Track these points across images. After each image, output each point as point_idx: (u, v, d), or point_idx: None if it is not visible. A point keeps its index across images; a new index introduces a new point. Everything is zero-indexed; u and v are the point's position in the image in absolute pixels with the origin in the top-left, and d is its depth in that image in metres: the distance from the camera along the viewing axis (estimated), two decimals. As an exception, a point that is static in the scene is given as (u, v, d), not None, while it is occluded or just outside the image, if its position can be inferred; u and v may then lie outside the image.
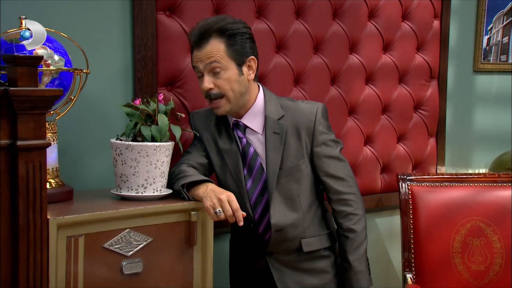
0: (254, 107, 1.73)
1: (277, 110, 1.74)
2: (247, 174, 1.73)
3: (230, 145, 1.73)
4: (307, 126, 1.73)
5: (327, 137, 1.76)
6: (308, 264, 1.78)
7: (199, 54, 1.66)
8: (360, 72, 2.33)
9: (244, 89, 1.69)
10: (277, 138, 1.71)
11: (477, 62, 2.67)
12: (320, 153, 1.74)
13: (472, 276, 2.20)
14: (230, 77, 1.66)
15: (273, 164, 1.70)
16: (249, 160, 1.72)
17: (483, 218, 2.23)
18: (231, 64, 1.65)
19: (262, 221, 1.73)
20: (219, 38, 1.64)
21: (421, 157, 2.52)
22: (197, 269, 1.61)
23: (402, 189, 2.28)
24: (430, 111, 2.53)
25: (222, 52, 1.64)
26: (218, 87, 1.66)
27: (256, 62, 1.71)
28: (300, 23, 2.17)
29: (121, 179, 1.58)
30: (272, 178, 1.70)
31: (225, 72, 1.65)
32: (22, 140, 1.26)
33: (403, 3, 2.41)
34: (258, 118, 1.74)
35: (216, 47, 1.64)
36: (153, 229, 1.53)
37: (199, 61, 1.66)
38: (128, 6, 1.83)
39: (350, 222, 1.76)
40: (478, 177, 2.34)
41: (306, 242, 1.76)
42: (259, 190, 1.72)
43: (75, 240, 1.41)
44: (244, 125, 1.74)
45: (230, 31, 1.65)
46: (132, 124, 1.59)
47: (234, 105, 1.69)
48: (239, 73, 1.67)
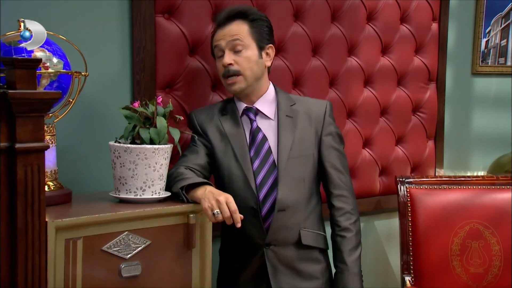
0: (267, 94, 1.81)
1: (289, 99, 1.84)
2: (254, 155, 1.75)
3: (236, 129, 1.77)
4: (318, 115, 1.81)
5: (334, 129, 1.84)
6: (302, 265, 1.77)
7: (222, 32, 1.74)
8: (358, 74, 2.33)
9: (261, 72, 1.77)
10: (290, 120, 1.78)
11: (475, 64, 2.68)
12: (329, 143, 1.81)
13: (471, 278, 2.20)
14: (250, 57, 1.74)
15: (285, 144, 1.75)
16: (258, 143, 1.75)
17: (482, 221, 2.23)
18: (252, 44, 1.74)
19: (266, 202, 1.73)
20: (243, 20, 1.75)
21: (419, 159, 2.52)
22: (196, 271, 1.60)
23: (401, 192, 2.28)
24: (429, 113, 2.53)
25: (245, 32, 1.74)
26: (237, 64, 1.73)
27: (274, 52, 1.81)
28: (298, 25, 2.17)
29: (119, 182, 1.58)
30: (283, 157, 1.73)
31: (246, 51, 1.73)
32: (20, 142, 1.26)
33: (402, 6, 2.42)
34: (270, 104, 1.81)
35: (240, 27, 1.74)
36: (151, 232, 1.53)
37: (222, 38, 1.74)
38: (127, 8, 1.84)
39: (348, 221, 1.79)
40: (477, 180, 2.34)
41: (305, 234, 1.76)
42: (266, 170, 1.74)
43: (73, 242, 1.41)
44: (257, 110, 1.79)
45: (254, 15, 1.76)
46: (131, 127, 1.59)
47: (249, 85, 1.75)
48: (259, 55, 1.76)
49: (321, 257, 1.81)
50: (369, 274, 2.44)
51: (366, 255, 2.43)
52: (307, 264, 1.78)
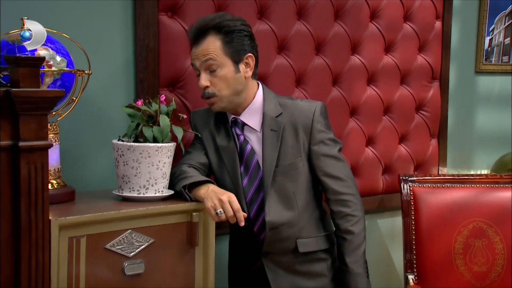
0: (253, 104, 1.73)
1: (275, 108, 1.73)
2: (243, 171, 1.72)
3: (228, 142, 1.73)
4: (305, 124, 1.72)
5: (325, 135, 1.74)
6: (304, 267, 1.76)
7: (196, 51, 1.67)
8: (361, 73, 2.33)
9: (241, 86, 1.69)
10: (274, 135, 1.71)
11: (479, 63, 2.67)
12: (318, 151, 1.73)
13: (474, 277, 2.20)
14: (226, 75, 1.66)
15: (269, 162, 1.70)
16: (246, 157, 1.72)
17: (485, 219, 2.22)
18: (227, 61, 1.65)
19: (258, 219, 1.72)
20: (215, 35, 1.65)
21: (422, 158, 2.51)
22: (199, 270, 1.60)
23: (404, 190, 2.27)
24: (432, 112, 2.52)
25: (218, 49, 1.64)
26: (213, 85, 1.66)
27: (254, 59, 1.71)
28: (301, 24, 2.17)
29: (122, 180, 1.58)
30: (268, 176, 1.69)
31: (221, 69, 1.65)
32: (24, 141, 1.26)
33: (405, 4, 2.41)
34: (256, 115, 1.73)
35: (212, 44, 1.64)
36: (154, 230, 1.53)
37: (196, 58, 1.67)
38: (130, 7, 1.84)
39: (348, 223, 1.74)
40: (480, 178, 2.33)
41: (302, 242, 1.74)
42: (255, 188, 1.72)
43: (77, 241, 1.41)
44: (242, 123, 1.74)
45: (227, 28, 1.65)
46: (134, 125, 1.59)
47: (228, 103, 1.69)
48: (235, 71, 1.67)
49: (324, 255, 1.79)
50: (372, 273, 2.42)
51: (369, 253, 2.42)
52: (308, 265, 1.77)
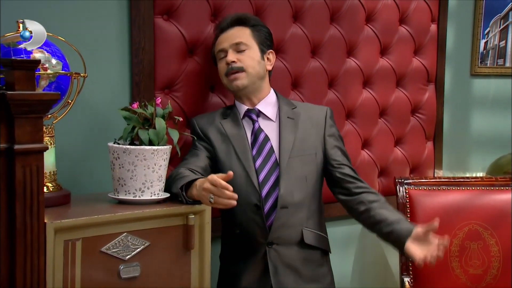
0: (268, 98, 1.85)
1: (290, 103, 1.88)
2: (256, 154, 1.77)
3: (237, 130, 1.79)
4: (319, 118, 1.84)
5: (337, 132, 1.88)
6: (304, 267, 1.76)
7: (225, 36, 1.81)
8: (357, 76, 2.33)
9: (263, 73, 1.82)
10: (291, 122, 1.81)
11: (474, 66, 2.68)
12: (332, 143, 1.83)
13: (470, 279, 2.20)
14: (253, 56, 1.79)
15: (286, 142, 1.77)
16: (260, 142, 1.77)
17: (481, 222, 2.23)
18: (255, 46, 1.80)
19: (269, 199, 1.74)
20: (244, 26, 1.82)
21: (418, 160, 2.52)
22: (195, 273, 1.60)
23: (400, 193, 2.28)
24: (428, 114, 2.53)
25: (248, 35, 1.80)
26: (241, 61, 1.77)
27: (274, 58, 1.87)
28: (297, 27, 2.17)
29: (118, 183, 1.58)
30: (285, 156, 1.75)
31: (249, 51, 1.79)
32: (19, 144, 1.26)
33: (401, 7, 2.42)
34: (272, 107, 1.84)
35: (242, 31, 1.81)
36: (150, 233, 1.52)
37: (225, 40, 1.80)
38: (126, 9, 1.84)
39: (373, 195, 1.82)
40: (476, 181, 2.34)
41: (307, 233, 1.76)
42: (268, 168, 1.75)
43: (72, 244, 1.41)
44: (259, 111, 1.81)
45: (254, 22, 1.85)
46: (130, 128, 1.59)
47: (251, 82, 1.79)
48: (261, 57, 1.81)
49: (323, 260, 1.82)
50: (368, 275, 2.44)
51: (365, 256, 2.43)
52: (309, 265, 1.78)
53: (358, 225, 1.90)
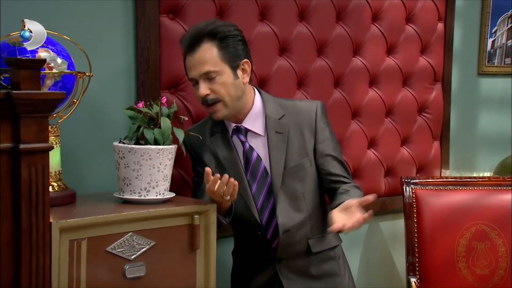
0: (254, 109, 1.72)
1: (277, 110, 1.74)
2: (250, 178, 1.72)
3: (229, 153, 1.72)
4: (309, 124, 1.73)
5: (329, 134, 1.77)
6: (316, 268, 1.77)
7: (192, 60, 1.64)
8: (363, 75, 2.32)
9: (241, 92, 1.68)
10: (280, 137, 1.71)
11: (481, 65, 2.66)
12: (323, 151, 1.75)
13: (477, 280, 2.19)
14: (225, 82, 1.64)
15: (277, 164, 1.70)
16: (253, 165, 1.72)
17: (488, 222, 2.22)
18: (225, 68, 1.64)
19: (270, 225, 1.73)
20: (210, 42, 1.63)
21: (425, 160, 2.50)
22: (200, 273, 1.60)
23: (406, 193, 2.27)
24: (434, 114, 2.51)
25: (215, 57, 1.63)
26: (214, 92, 1.64)
27: (250, 65, 1.69)
28: (303, 25, 2.16)
29: (123, 183, 1.57)
30: (277, 179, 1.70)
31: (220, 77, 1.63)
32: (24, 143, 1.25)
33: (407, 5, 2.40)
34: (258, 120, 1.73)
35: (208, 52, 1.63)
36: (156, 233, 1.52)
37: (193, 68, 1.64)
38: (131, 9, 1.83)
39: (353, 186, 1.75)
40: (483, 181, 2.33)
41: (313, 242, 1.75)
42: (264, 194, 1.72)
43: (77, 243, 1.40)
44: (246, 129, 1.73)
45: (222, 34, 1.63)
46: (135, 127, 1.58)
47: (231, 109, 1.68)
48: (234, 77, 1.66)
49: (333, 254, 1.81)
50: (374, 276, 2.43)
51: (371, 256, 2.42)
52: (320, 266, 1.78)
53: (364, 224, 1.89)
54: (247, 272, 1.82)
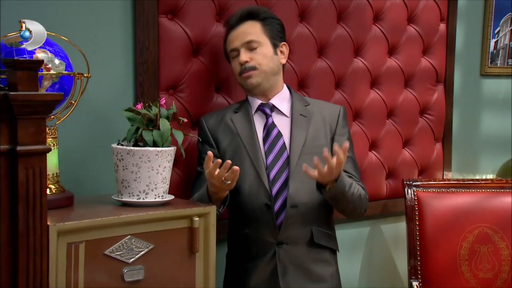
0: (282, 93, 1.84)
1: (303, 100, 1.87)
2: (267, 150, 1.76)
3: (247, 126, 1.79)
4: (332, 116, 1.84)
5: (348, 133, 1.86)
6: (313, 266, 1.76)
7: (235, 33, 1.78)
8: (365, 76, 2.31)
9: (277, 68, 1.81)
10: (303, 119, 1.80)
11: (484, 65, 2.65)
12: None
13: (480, 283, 2.17)
14: (265, 53, 1.77)
15: (297, 141, 1.76)
16: (272, 138, 1.77)
17: (491, 225, 2.20)
18: (266, 41, 1.78)
19: (279, 198, 1.73)
20: (254, 20, 1.80)
21: (427, 162, 2.49)
22: (199, 276, 1.59)
23: (408, 195, 2.25)
24: (436, 115, 2.50)
25: (258, 30, 1.78)
26: (253, 60, 1.76)
27: (288, 50, 1.85)
28: (304, 26, 2.15)
29: (122, 185, 1.56)
30: (296, 153, 1.74)
31: (261, 48, 1.77)
32: (22, 145, 1.24)
33: (409, 6, 2.39)
34: (286, 102, 1.84)
35: (252, 26, 1.78)
36: (154, 236, 1.51)
37: (236, 39, 1.78)
38: (130, 9, 1.82)
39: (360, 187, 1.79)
40: (486, 183, 2.31)
41: (317, 232, 1.75)
42: (279, 166, 1.75)
43: (75, 246, 1.39)
44: (273, 106, 1.80)
45: (264, 14, 1.82)
46: (134, 129, 1.57)
47: (265, 80, 1.78)
48: (274, 52, 1.80)
49: (331, 259, 1.82)
50: (376, 279, 2.41)
51: (373, 259, 2.41)
52: (317, 265, 1.77)
53: (366, 227, 1.89)
54: (243, 271, 1.77)
